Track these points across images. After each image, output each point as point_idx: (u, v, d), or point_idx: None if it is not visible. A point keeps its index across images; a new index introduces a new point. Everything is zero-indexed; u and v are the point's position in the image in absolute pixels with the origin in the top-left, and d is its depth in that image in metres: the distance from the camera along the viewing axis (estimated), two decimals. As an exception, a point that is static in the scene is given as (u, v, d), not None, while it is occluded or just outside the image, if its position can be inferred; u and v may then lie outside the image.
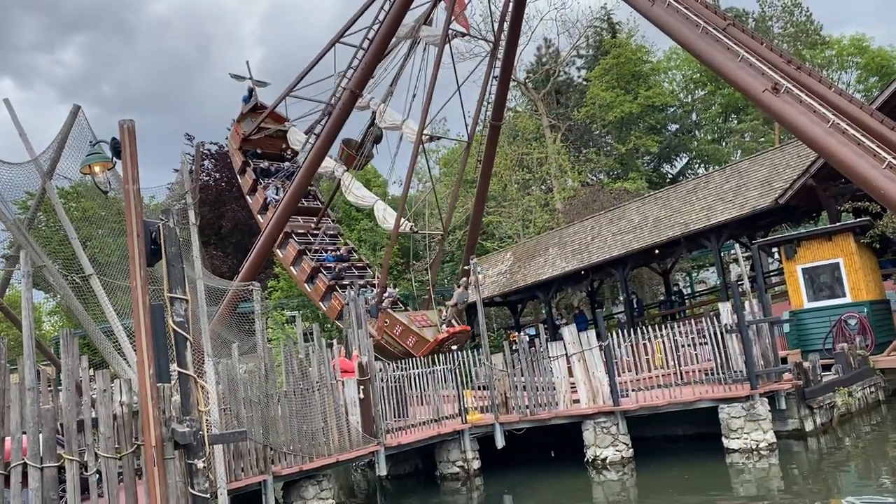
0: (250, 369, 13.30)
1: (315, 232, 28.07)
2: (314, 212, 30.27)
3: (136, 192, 6.50)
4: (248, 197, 30.07)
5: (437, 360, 16.65)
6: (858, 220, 20.51)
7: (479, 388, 16.99)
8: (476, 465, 15.54)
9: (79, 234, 16.37)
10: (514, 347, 16.85)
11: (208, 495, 6.51)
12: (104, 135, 7.91)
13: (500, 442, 15.74)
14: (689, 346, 16.04)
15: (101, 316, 15.94)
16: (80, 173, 8.48)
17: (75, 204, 29.81)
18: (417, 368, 16.44)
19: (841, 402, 15.88)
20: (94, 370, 7.16)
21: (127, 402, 6.56)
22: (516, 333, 31.30)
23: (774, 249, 24.40)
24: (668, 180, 51.64)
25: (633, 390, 15.61)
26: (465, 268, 25.80)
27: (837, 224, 21.70)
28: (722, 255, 27.95)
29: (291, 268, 27.37)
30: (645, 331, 15.94)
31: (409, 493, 15.49)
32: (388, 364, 16.76)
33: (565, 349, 16.01)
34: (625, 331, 16.41)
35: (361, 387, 14.51)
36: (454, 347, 19.54)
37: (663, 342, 15.89)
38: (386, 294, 24.83)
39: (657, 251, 28.09)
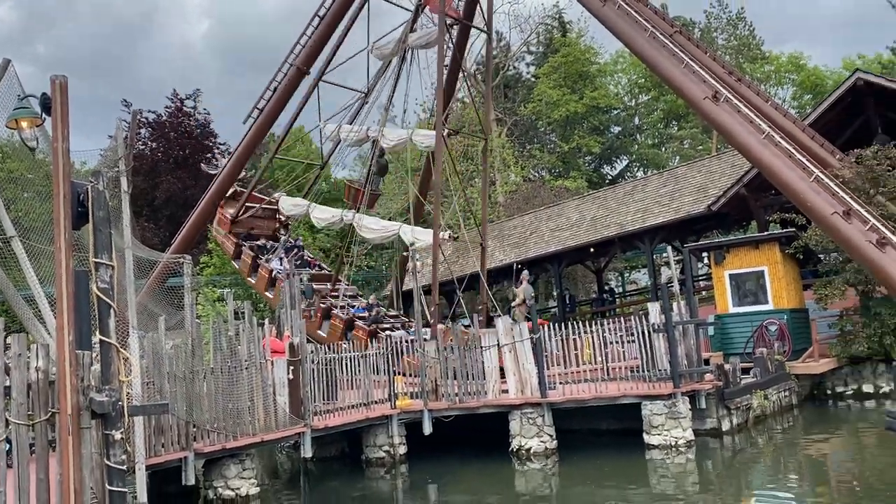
0: (177, 344, 13.01)
1: (334, 294, 26.66)
2: (326, 277, 29.06)
3: (64, 151, 6.23)
4: (249, 278, 28.31)
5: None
6: (785, 230, 21.31)
7: (409, 375, 17.02)
8: (402, 450, 15.59)
9: (2, 196, 15.65)
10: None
11: (125, 467, 6.32)
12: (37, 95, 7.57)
13: (427, 428, 15.81)
14: (617, 343, 16.40)
15: (23, 281, 15.29)
16: (6, 127, 8.09)
17: (1, 165, 28.53)
18: (349, 352, 16.36)
19: (757, 404, 16.51)
20: (10, 335, 6.87)
21: (43, 368, 6.30)
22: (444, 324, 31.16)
23: (705, 254, 25.17)
24: (607, 181, 52.62)
25: (560, 383, 15.87)
26: (405, 254, 25.61)
27: (765, 233, 22.52)
28: (654, 257, 28.69)
29: (318, 332, 25.89)
30: (575, 326, 16.22)
31: (333, 477, 15.42)
32: (321, 347, 16.62)
33: (497, 340, 16.18)
34: (556, 325, 16.66)
35: (291, 367, 14.35)
36: None
37: (592, 338, 16.20)
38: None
39: (592, 249, 28.65)
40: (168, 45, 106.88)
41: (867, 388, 19.52)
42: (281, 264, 26.98)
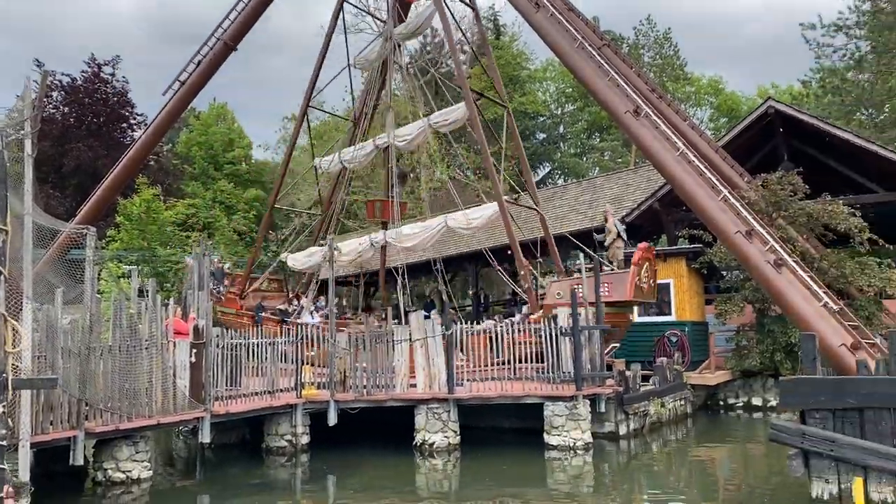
0: (75, 319, 12.48)
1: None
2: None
3: (-40, 106, 5.89)
4: None
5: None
6: (692, 246, 22.14)
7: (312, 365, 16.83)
8: (305, 440, 15.43)
9: None
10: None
11: (5, 442, 6.02)
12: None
13: (332, 419, 15.69)
14: (525, 343, 16.67)
15: None
16: None
17: None
18: (257, 339, 16.05)
19: (654, 410, 17.13)
20: None
21: (-80, 334, 5.94)
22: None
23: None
24: (529, 186, 53.38)
25: (468, 380, 16.05)
26: (322, 243, 25.03)
27: (673, 248, 23.37)
28: (568, 263, 29.29)
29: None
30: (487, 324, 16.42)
31: (231, 464, 15.09)
32: (227, 330, 16.25)
33: (410, 334, 16.21)
34: (470, 323, 16.83)
35: (194, 350, 13.98)
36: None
37: (502, 337, 16.47)
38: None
39: (509, 251, 28.98)
40: (94, 10, 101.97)
41: (756, 400, 20.55)
42: (312, 317, 25.33)
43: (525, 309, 20.12)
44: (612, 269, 18.66)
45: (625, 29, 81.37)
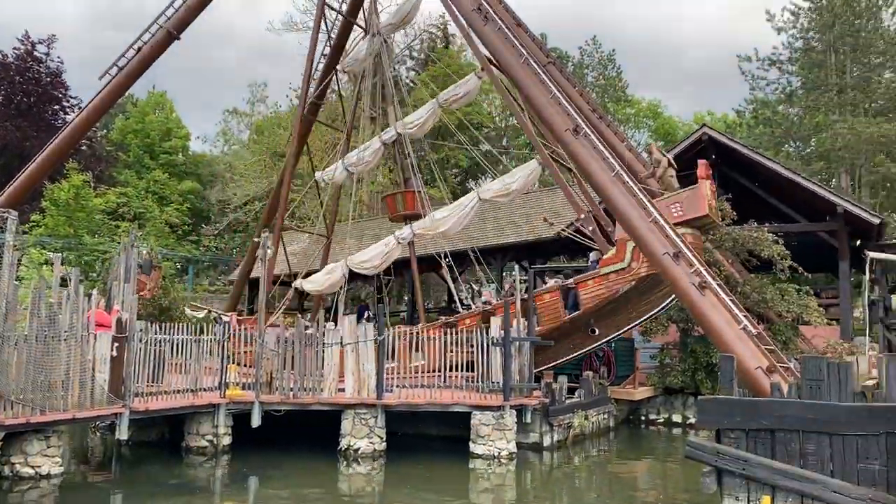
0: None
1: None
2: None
3: None
4: None
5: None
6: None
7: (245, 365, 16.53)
8: (227, 440, 15.15)
9: None
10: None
11: None
12: None
13: (256, 421, 15.43)
14: (456, 352, 16.77)
15: None
16: None
17: None
18: (183, 334, 15.69)
19: (577, 423, 17.42)
20: None
21: None
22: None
23: (548, 277, 26.21)
24: (470, 195, 53.74)
25: (397, 386, 16.04)
26: (256, 240, 24.66)
27: (604, 264, 23.76)
28: (504, 274, 29.64)
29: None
30: (421, 332, 16.46)
31: (148, 462, 14.69)
32: (152, 325, 15.83)
33: (341, 338, 16.10)
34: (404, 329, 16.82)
35: (116, 344, 13.57)
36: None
37: (434, 344, 16.53)
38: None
39: (448, 259, 29.07)
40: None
41: (676, 417, 21.12)
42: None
43: (593, 255, 19.81)
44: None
45: (571, 48, 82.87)
